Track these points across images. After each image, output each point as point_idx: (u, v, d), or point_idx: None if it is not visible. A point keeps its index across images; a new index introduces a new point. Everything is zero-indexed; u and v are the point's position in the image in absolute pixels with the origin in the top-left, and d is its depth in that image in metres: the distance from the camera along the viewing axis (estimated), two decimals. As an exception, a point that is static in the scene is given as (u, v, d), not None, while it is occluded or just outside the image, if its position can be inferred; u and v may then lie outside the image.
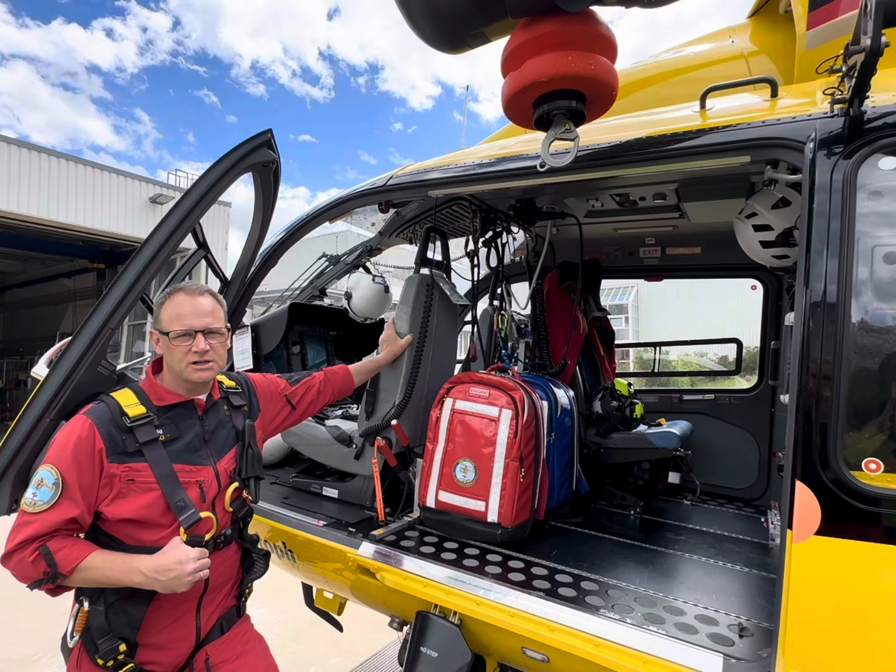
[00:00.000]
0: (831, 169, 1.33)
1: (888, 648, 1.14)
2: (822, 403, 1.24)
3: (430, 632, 1.86)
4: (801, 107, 1.51)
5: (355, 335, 3.87)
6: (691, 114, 1.73)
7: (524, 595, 1.75)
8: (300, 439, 2.71)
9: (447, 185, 2.07)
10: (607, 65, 1.46)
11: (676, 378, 9.42)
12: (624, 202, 2.59)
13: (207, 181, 1.78)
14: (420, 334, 2.40)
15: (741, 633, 1.58)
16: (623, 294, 31.60)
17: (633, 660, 1.50)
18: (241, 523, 1.73)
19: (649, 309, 33.80)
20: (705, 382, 10.66)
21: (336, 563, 2.19)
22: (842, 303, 1.25)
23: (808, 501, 1.23)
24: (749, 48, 2.18)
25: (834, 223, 1.30)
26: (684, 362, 18.18)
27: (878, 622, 1.15)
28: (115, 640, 1.44)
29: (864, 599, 1.17)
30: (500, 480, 2.14)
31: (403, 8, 1.71)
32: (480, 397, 2.24)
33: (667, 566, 2.12)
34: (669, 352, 19.08)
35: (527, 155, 1.92)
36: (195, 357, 1.56)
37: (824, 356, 1.25)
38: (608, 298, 32.02)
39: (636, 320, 38.04)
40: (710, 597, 1.82)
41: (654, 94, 2.26)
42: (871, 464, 1.19)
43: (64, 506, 1.41)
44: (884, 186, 1.28)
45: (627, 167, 1.69)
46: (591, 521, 2.56)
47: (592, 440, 2.84)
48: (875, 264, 1.25)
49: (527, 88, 1.48)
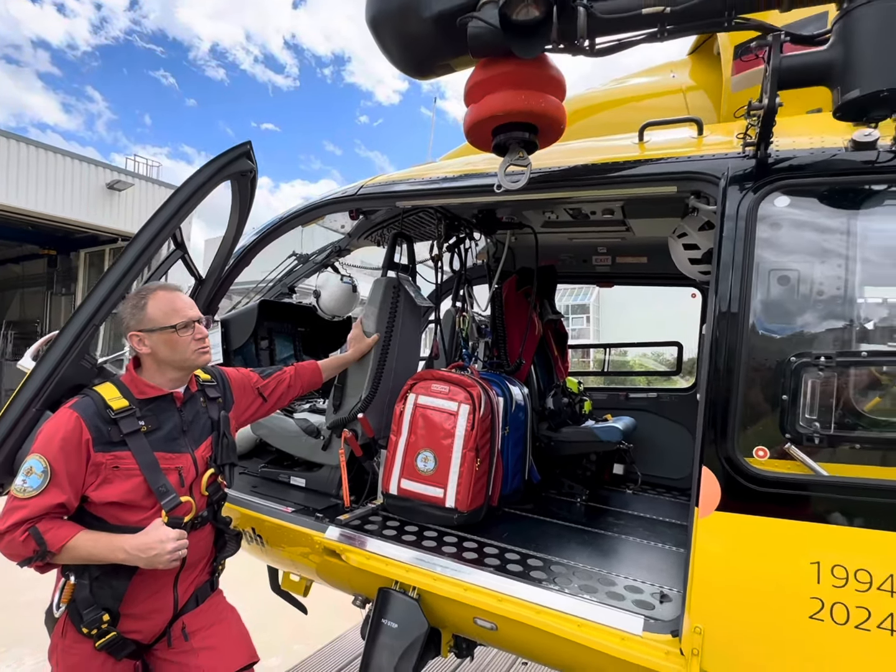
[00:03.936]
0: (738, 202, 1.57)
1: (769, 601, 1.39)
2: (724, 402, 1.48)
3: (391, 605, 2.04)
4: (720, 146, 1.75)
5: (322, 331, 4.00)
6: (631, 144, 1.95)
7: (476, 571, 1.95)
8: (270, 431, 2.84)
9: (414, 198, 2.25)
10: (556, 103, 1.67)
11: (629, 376, 9.86)
12: (577, 215, 2.82)
13: (190, 187, 1.90)
14: (386, 334, 2.57)
15: (661, 599, 1.82)
16: (585, 294, 32.43)
17: (569, 623, 1.72)
18: (216, 506, 1.87)
19: (610, 309, 34.81)
20: (662, 382, 11.17)
21: (303, 546, 2.34)
22: (742, 316, 1.49)
23: (712, 483, 1.47)
24: (687, 83, 2.43)
25: (738, 248, 1.54)
26: (640, 363, 18.95)
27: (761, 580, 1.40)
28: (98, 610, 1.57)
29: (751, 562, 1.42)
30: (458, 469, 2.33)
31: (376, 35, 1.87)
32: (441, 393, 2.43)
33: (606, 546, 2.36)
34: (627, 352, 19.77)
35: (488, 173, 2.11)
36: (199, 344, 1.71)
37: (727, 362, 1.49)
38: (571, 298, 32.83)
39: (597, 320, 39.02)
40: (640, 571, 2.06)
41: (602, 120, 2.49)
42: (759, 451, 1.44)
43: (52, 492, 1.53)
44: (779, 220, 1.53)
45: (574, 190, 1.91)
46: (541, 507, 2.79)
47: (544, 434, 3.08)
48: (770, 285, 1.50)
49: (486, 120, 1.67)
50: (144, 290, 1.78)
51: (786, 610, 1.37)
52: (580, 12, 1.44)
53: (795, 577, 1.36)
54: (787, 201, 1.53)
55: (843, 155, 1.51)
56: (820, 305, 1.45)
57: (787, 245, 1.52)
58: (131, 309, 1.74)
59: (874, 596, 1.28)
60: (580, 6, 1.44)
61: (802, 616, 1.34)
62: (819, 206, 1.55)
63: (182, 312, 1.74)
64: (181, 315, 1.73)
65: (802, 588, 1.34)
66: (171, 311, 1.72)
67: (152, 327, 1.71)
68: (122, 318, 1.78)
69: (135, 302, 1.75)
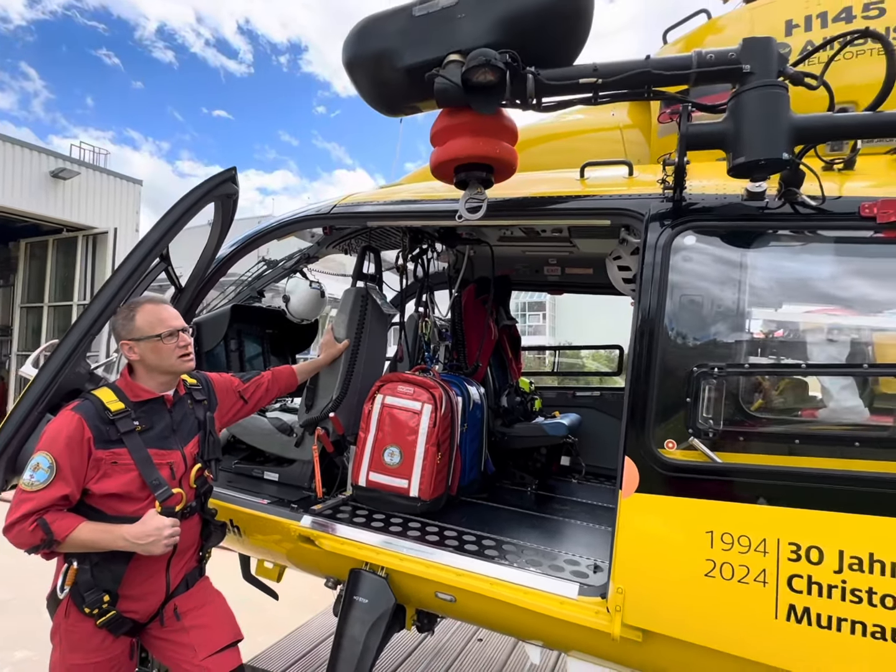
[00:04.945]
0: (658, 236, 1.89)
1: (675, 564, 1.72)
2: (643, 402, 1.80)
3: (361, 584, 2.29)
4: (646, 187, 2.07)
5: (290, 333, 4.17)
6: (574, 180, 2.26)
7: (437, 551, 2.22)
8: (244, 430, 3.02)
9: (383, 219, 2.49)
10: (510, 148, 1.95)
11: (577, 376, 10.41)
12: (529, 232, 3.13)
13: (180, 209, 2.08)
14: (355, 339, 2.81)
15: (595, 569, 2.15)
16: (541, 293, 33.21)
17: (517, 592, 2.02)
18: (203, 497, 2.07)
19: (565, 306, 35.84)
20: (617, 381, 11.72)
21: (279, 534, 2.55)
22: (657, 330, 1.81)
23: (631, 470, 1.79)
24: (625, 122, 2.77)
25: (656, 274, 1.86)
26: (592, 363, 19.72)
27: (669, 547, 1.73)
28: (99, 592, 1.76)
29: (661, 533, 1.75)
30: (421, 462, 2.60)
31: (351, 76, 2.11)
32: (406, 394, 2.69)
33: (551, 528, 2.69)
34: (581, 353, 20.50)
35: (449, 199, 2.37)
36: (182, 351, 1.90)
37: (645, 368, 1.81)
38: (528, 296, 33.60)
39: (553, 317, 39.98)
40: (579, 547, 2.38)
41: (551, 148, 2.82)
42: (669, 443, 1.77)
43: (58, 485, 1.70)
44: (689, 254, 1.86)
45: (524, 219, 2.20)
46: (496, 496, 3.10)
47: (498, 429, 3.38)
48: (680, 306, 1.83)
49: (449, 161, 1.94)
50: (134, 303, 1.97)
51: (688, 570, 1.70)
52: (529, 78, 1.73)
53: (694, 544, 1.69)
54: (696, 238, 1.87)
55: (739, 202, 1.86)
56: (716, 325, 1.80)
57: (694, 274, 1.86)
58: (122, 320, 1.93)
59: (751, 556, 1.63)
60: (529, 73, 1.72)
61: (699, 574, 1.68)
62: (720, 243, 1.89)
63: (167, 323, 1.93)
64: (166, 325, 1.92)
65: (699, 552, 1.68)
66: (157, 321, 1.91)
67: (140, 336, 1.90)
68: (114, 329, 1.96)
69: (125, 314, 1.94)
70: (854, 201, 1.71)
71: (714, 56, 1.63)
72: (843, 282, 1.80)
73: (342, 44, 2.10)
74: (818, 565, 1.56)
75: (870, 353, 1.79)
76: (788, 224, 1.83)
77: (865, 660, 1.52)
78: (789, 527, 1.60)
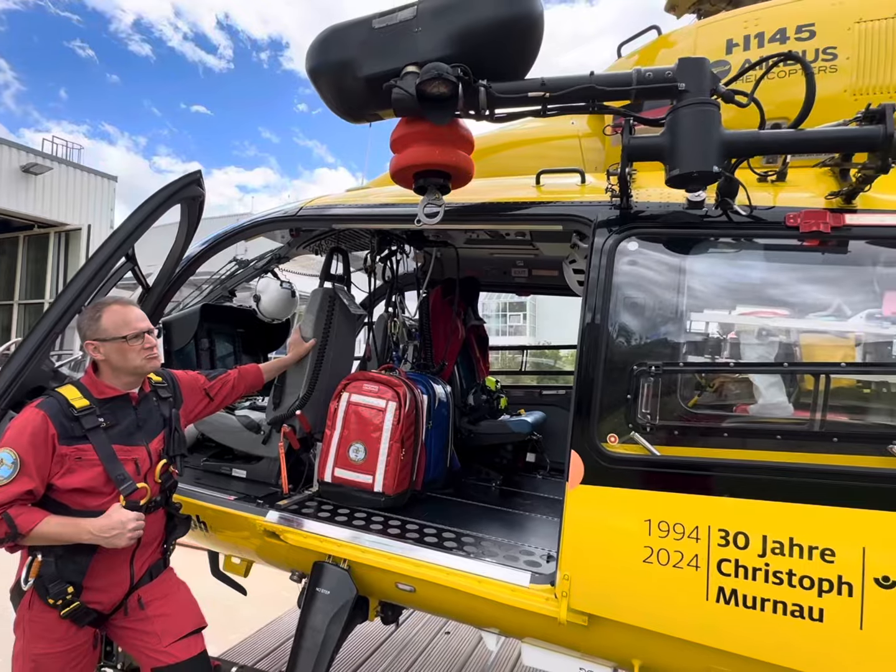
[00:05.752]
0: (604, 241, 2.00)
1: (616, 551, 1.83)
2: (588, 398, 1.91)
3: (324, 576, 2.36)
4: (595, 194, 2.18)
5: (260, 332, 4.21)
6: (530, 186, 2.36)
7: (398, 543, 2.30)
8: (212, 427, 3.06)
9: (348, 221, 2.56)
10: (466, 157, 2.04)
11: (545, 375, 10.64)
12: (494, 235, 3.23)
13: (145, 210, 2.13)
14: (322, 339, 2.87)
15: (548, 559, 2.25)
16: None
17: (472, 581, 2.11)
18: (168, 492, 2.12)
19: (545, 307, 36.18)
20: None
21: (246, 530, 2.60)
22: (602, 331, 1.92)
23: (577, 463, 1.90)
24: (584, 130, 2.88)
25: (602, 277, 1.96)
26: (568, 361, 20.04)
27: (611, 535, 1.85)
28: (63, 583, 1.80)
29: (603, 521, 1.86)
30: (385, 458, 2.67)
31: (315, 84, 2.18)
32: (371, 392, 2.76)
33: (512, 521, 2.79)
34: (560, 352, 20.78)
35: (412, 204, 2.45)
36: (147, 352, 1.94)
37: (591, 366, 1.92)
38: (509, 297, 33.89)
39: (533, 317, 40.31)
40: (536, 539, 2.48)
41: (513, 154, 2.92)
42: (612, 437, 1.88)
43: (22, 480, 1.74)
44: (633, 258, 1.98)
45: (482, 223, 2.30)
46: (460, 491, 3.19)
47: (465, 427, 3.48)
48: (622, 308, 1.94)
49: (407, 167, 2.02)
50: (101, 304, 2.01)
51: (628, 556, 1.81)
52: (481, 91, 1.82)
53: (634, 532, 1.80)
54: (639, 244, 1.98)
55: (681, 210, 1.98)
56: (655, 326, 1.91)
57: (636, 277, 1.97)
58: (88, 320, 1.97)
59: (685, 543, 1.74)
60: (481, 86, 1.81)
61: (638, 560, 1.79)
62: (662, 248, 2.01)
63: (132, 325, 1.97)
64: (132, 327, 1.96)
65: (638, 539, 1.79)
66: (122, 323, 1.95)
67: (105, 337, 1.94)
68: (80, 328, 1.99)
69: (91, 314, 1.97)
70: (781, 211, 1.84)
71: (652, 74, 1.74)
72: (772, 286, 1.93)
73: (306, 52, 2.17)
74: (744, 550, 1.68)
75: (796, 352, 1.92)
76: (724, 232, 1.96)
77: (785, 636, 1.65)
78: (719, 514, 1.72)
